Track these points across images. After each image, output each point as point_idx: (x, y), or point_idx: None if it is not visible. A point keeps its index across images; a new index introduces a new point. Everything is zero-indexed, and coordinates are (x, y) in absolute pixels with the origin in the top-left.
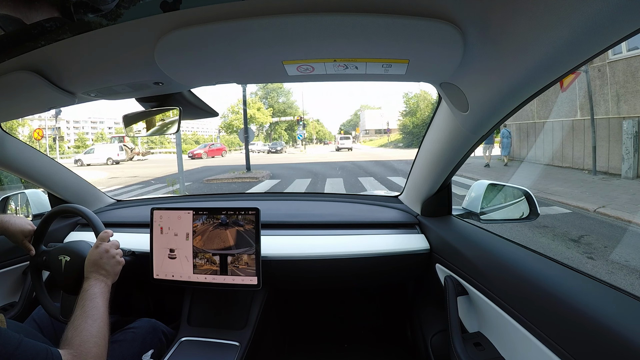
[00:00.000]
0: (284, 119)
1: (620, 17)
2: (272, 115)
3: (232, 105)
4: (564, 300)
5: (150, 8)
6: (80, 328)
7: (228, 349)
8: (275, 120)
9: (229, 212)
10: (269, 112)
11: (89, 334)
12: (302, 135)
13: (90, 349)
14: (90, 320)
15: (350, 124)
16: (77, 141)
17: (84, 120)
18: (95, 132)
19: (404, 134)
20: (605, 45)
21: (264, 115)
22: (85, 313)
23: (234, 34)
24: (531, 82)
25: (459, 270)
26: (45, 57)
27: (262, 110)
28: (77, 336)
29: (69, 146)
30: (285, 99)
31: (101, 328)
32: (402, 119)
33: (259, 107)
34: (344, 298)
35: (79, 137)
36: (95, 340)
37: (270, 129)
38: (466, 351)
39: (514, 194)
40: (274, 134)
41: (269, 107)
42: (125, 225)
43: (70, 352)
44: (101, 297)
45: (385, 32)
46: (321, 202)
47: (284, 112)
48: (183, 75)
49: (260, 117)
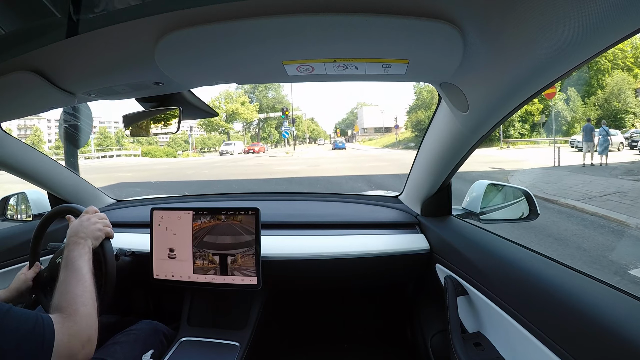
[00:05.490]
0: (272, 115)
1: (620, 17)
2: (258, 110)
3: (212, 99)
4: (564, 300)
5: (150, 8)
6: (65, 291)
7: (228, 349)
8: (262, 116)
9: (229, 212)
10: (255, 108)
11: (74, 294)
12: (287, 133)
13: (78, 308)
14: (74, 282)
15: (346, 122)
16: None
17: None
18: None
19: (417, 132)
20: (605, 45)
21: (249, 111)
22: (68, 277)
23: (234, 34)
24: (531, 82)
25: (459, 270)
26: (45, 57)
27: (246, 105)
28: (63, 300)
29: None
30: (274, 93)
31: (86, 287)
32: (409, 115)
33: (244, 101)
34: (344, 298)
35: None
36: (82, 299)
37: (258, 127)
38: (466, 351)
39: (514, 194)
40: (262, 133)
41: (257, 102)
42: (125, 225)
43: (60, 314)
44: (80, 258)
45: (385, 32)
46: (321, 202)
47: (273, 108)
48: (183, 75)
49: (245, 112)
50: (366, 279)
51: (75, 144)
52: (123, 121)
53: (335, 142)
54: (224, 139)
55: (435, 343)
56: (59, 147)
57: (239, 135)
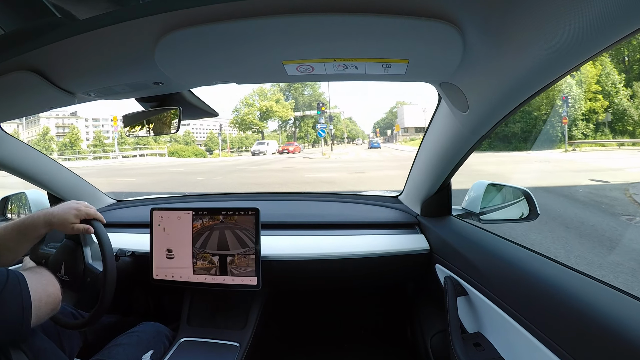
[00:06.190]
0: (309, 114)
1: (620, 17)
2: (294, 109)
3: (245, 97)
4: (564, 301)
5: (150, 8)
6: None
7: (228, 349)
8: (298, 115)
9: (228, 212)
10: (290, 105)
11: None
12: (324, 132)
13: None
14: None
15: (385, 122)
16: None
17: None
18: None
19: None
20: (605, 45)
21: (284, 109)
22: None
23: (233, 34)
24: (531, 82)
25: (459, 271)
26: (45, 57)
27: (281, 103)
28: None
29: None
30: (311, 90)
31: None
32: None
33: (278, 98)
34: (344, 298)
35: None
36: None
37: (295, 125)
38: (466, 351)
39: (514, 194)
40: (299, 132)
41: (292, 99)
42: (125, 225)
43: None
44: (32, 218)
45: (385, 32)
46: (321, 202)
47: (310, 106)
48: (183, 75)
49: (279, 110)
50: (366, 279)
51: None
52: (123, 121)
53: (370, 142)
54: (258, 138)
55: (435, 343)
56: (96, 145)
57: (274, 135)
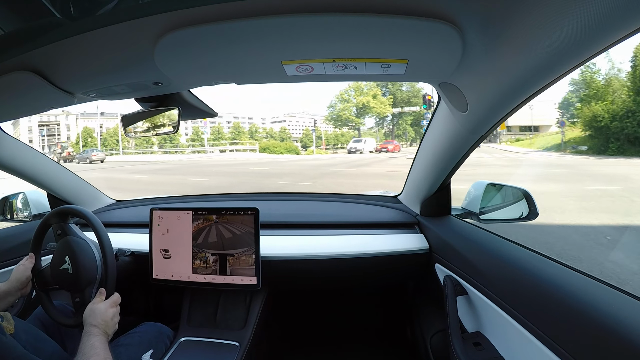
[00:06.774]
0: (407, 110)
1: (620, 17)
2: (392, 105)
3: (341, 92)
4: (564, 300)
5: (149, 8)
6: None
7: (227, 349)
8: (397, 111)
9: (228, 212)
10: (388, 101)
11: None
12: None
13: None
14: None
15: None
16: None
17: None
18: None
19: (593, 131)
20: (605, 45)
21: (382, 105)
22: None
23: (233, 34)
24: (531, 82)
25: (459, 270)
26: (45, 57)
27: (379, 98)
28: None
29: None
30: (409, 86)
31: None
32: (579, 110)
33: (375, 94)
34: (344, 298)
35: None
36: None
37: (392, 123)
38: (465, 351)
39: (514, 194)
40: (396, 130)
41: (390, 95)
42: (125, 225)
43: None
44: (102, 345)
45: (384, 32)
46: (320, 202)
47: (408, 102)
48: (182, 75)
49: (377, 106)
50: (366, 278)
51: None
52: (122, 121)
53: None
54: (354, 135)
55: (435, 343)
56: (194, 140)
57: (370, 132)
